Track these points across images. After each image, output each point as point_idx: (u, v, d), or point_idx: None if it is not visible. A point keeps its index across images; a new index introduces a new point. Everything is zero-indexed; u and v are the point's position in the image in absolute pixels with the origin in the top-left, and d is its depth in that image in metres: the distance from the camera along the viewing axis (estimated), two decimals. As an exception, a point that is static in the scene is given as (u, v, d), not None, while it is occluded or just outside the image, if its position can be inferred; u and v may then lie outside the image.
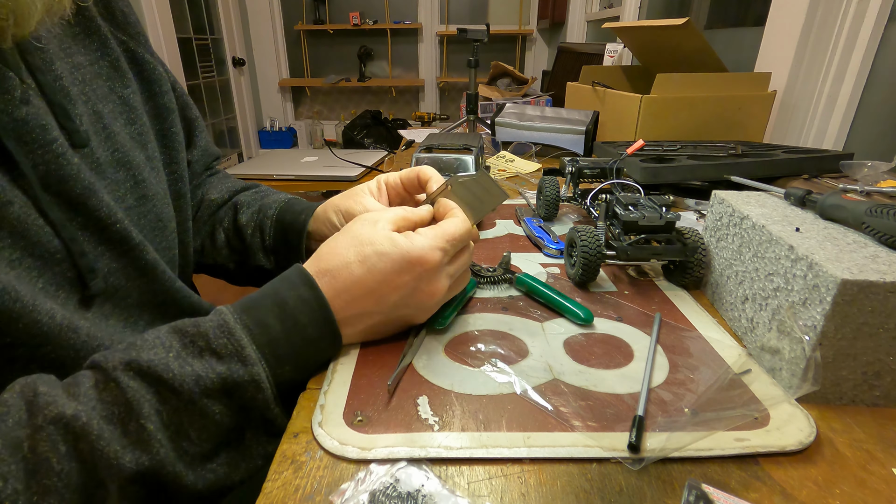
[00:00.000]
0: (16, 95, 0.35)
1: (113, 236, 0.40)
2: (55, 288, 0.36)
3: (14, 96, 0.35)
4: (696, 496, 0.27)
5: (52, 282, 0.36)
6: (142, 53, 0.49)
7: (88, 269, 0.38)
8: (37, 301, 0.33)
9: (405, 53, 4.32)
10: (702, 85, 1.00)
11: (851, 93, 1.06)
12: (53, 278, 0.36)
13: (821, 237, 0.38)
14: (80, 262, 0.37)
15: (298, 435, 0.32)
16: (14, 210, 0.33)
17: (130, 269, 0.42)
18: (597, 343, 0.42)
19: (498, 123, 1.20)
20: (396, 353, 0.40)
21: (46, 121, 0.36)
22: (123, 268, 0.42)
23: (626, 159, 0.74)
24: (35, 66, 0.37)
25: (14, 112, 0.34)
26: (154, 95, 0.50)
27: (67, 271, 0.37)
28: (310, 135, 4.42)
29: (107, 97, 0.44)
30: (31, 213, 0.34)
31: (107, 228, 0.40)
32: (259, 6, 4.05)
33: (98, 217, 0.39)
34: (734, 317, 0.45)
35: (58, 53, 0.40)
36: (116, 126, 0.44)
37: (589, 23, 2.98)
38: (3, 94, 0.34)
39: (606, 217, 0.54)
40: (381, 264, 0.37)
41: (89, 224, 0.39)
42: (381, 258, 0.37)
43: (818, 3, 1.07)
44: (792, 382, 0.35)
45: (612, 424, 0.33)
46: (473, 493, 0.28)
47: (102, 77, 0.45)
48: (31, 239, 0.34)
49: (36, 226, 0.35)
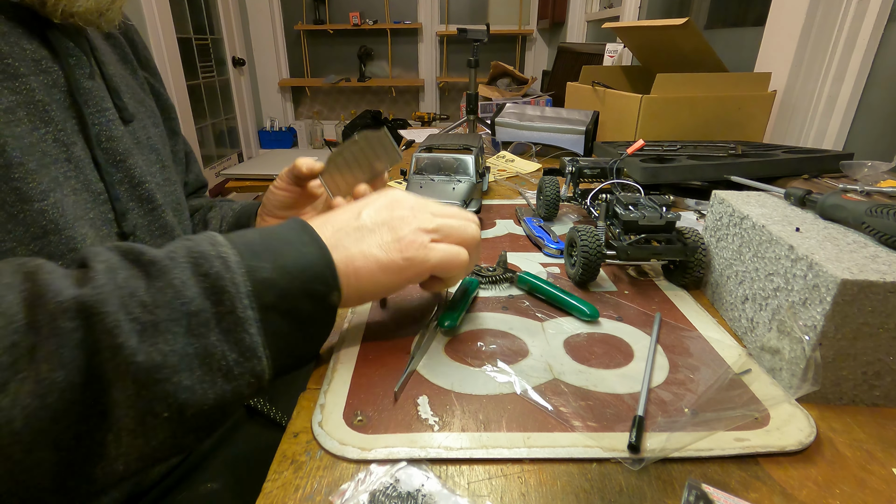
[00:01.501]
0: (86, 71, 0.45)
1: (142, 194, 0.48)
2: (101, 222, 0.44)
3: (85, 71, 0.45)
4: (696, 496, 0.27)
5: (99, 217, 0.44)
6: (158, 88, 0.61)
7: (121, 213, 0.46)
8: (77, 223, 0.40)
9: (405, 53, 4.32)
10: (702, 85, 1.00)
11: (851, 93, 1.06)
12: (100, 214, 0.44)
13: (821, 237, 0.38)
14: (116, 205, 0.45)
15: (298, 435, 0.32)
16: (77, 151, 0.42)
17: (154, 227, 0.50)
18: (597, 343, 0.42)
19: (498, 123, 1.20)
20: (397, 353, 0.40)
21: (104, 95, 0.47)
22: (148, 224, 0.49)
23: (626, 159, 0.74)
24: (99, 59, 0.48)
25: (85, 82, 0.45)
26: (167, 119, 0.61)
27: (108, 212, 0.45)
28: (310, 135, 4.42)
29: (142, 102, 0.54)
30: (87, 158, 0.43)
31: (139, 186, 0.48)
32: (259, 6, 4.05)
33: (132, 175, 0.47)
34: (734, 317, 0.45)
35: (111, 60, 0.51)
36: (147, 122, 0.54)
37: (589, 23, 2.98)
38: (78, 68, 0.44)
39: (606, 217, 0.54)
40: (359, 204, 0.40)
41: (125, 180, 0.47)
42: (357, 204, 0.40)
43: (818, 3, 1.07)
44: (792, 382, 0.35)
45: (612, 424, 0.33)
46: (473, 493, 0.28)
47: (135, 89, 0.55)
48: (87, 177, 0.43)
49: (89, 168, 0.43)
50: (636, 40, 1.29)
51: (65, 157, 0.41)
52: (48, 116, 0.40)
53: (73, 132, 0.42)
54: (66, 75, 0.43)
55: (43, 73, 0.41)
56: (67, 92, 0.43)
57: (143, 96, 0.55)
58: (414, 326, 0.44)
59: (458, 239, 0.40)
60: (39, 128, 0.40)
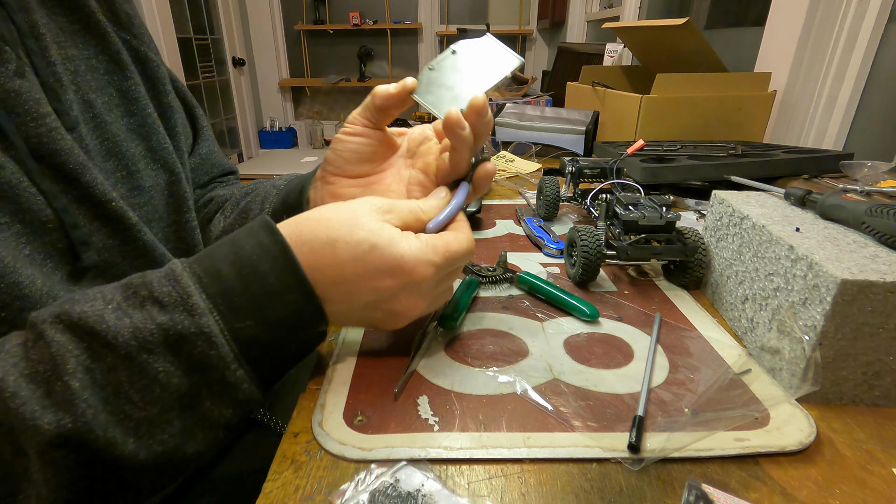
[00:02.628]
0: (10, 68, 0.35)
1: (109, 213, 0.40)
2: (42, 257, 0.35)
3: (8, 68, 0.35)
4: (696, 496, 0.27)
5: (39, 250, 0.35)
6: (145, 52, 0.49)
7: (81, 241, 0.37)
8: (17, 264, 0.33)
9: (405, 53, 4.32)
10: (702, 85, 1.00)
11: (851, 93, 1.06)
12: (42, 247, 0.35)
13: (821, 237, 0.38)
14: (73, 233, 0.37)
15: (298, 435, 0.32)
16: (4, 175, 0.33)
17: (127, 248, 0.41)
18: (597, 343, 0.42)
19: (498, 123, 1.20)
20: (397, 353, 0.40)
21: (40, 96, 0.36)
22: (120, 245, 0.41)
23: (626, 159, 0.74)
24: (31, 49, 0.38)
25: (8, 83, 0.35)
26: (158, 93, 0.50)
27: (58, 241, 0.36)
28: (310, 135, 4.42)
29: (102, 89, 0.44)
30: (23, 181, 0.34)
31: (102, 205, 0.39)
32: (259, 6, 4.05)
33: (92, 193, 0.38)
34: (734, 317, 0.45)
35: (51, 44, 0.40)
36: (110, 117, 0.44)
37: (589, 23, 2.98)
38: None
39: (606, 217, 0.54)
40: (369, 256, 0.32)
41: (84, 199, 0.38)
42: (371, 250, 0.32)
43: (818, 3, 1.07)
44: (792, 382, 0.35)
45: (612, 424, 0.33)
46: (473, 493, 0.28)
47: (100, 70, 0.45)
48: (21, 205, 0.34)
49: (28, 193, 0.34)
50: (636, 40, 1.29)
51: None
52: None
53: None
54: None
55: None
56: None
57: (107, 80, 0.45)
58: (414, 326, 0.44)
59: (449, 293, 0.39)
60: None
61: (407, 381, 0.37)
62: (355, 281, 0.33)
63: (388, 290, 0.33)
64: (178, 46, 3.08)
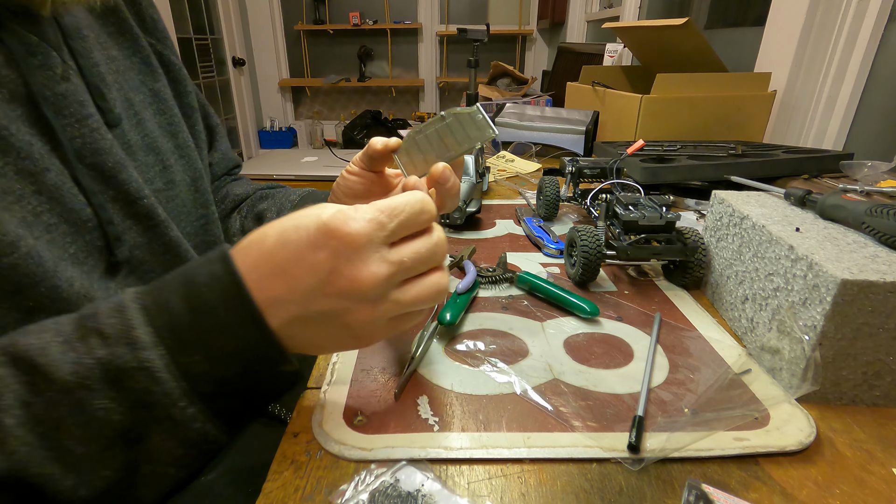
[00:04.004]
0: (57, 72, 0.37)
1: (140, 210, 0.42)
2: (85, 254, 0.37)
3: (55, 72, 0.37)
4: (696, 496, 0.27)
5: (83, 248, 0.37)
6: (168, 56, 0.52)
7: (115, 237, 0.39)
8: (58, 267, 0.34)
9: (405, 53, 4.32)
10: (702, 85, 1.00)
11: (851, 93, 1.06)
12: (84, 245, 0.37)
13: (821, 237, 0.38)
14: (108, 229, 0.39)
15: (298, 435, 0.32)
16: (51, 177, 0.35)
17: (155, 245, 0.44)
18: (597, 343, 0.42)
19: (498, 123, 1.20)
20: (397, 353, 0.40)
21: (84, 98, 0.38)
22: (149, 242, 0.43)
23: (626, 159, 0.74)
24: (76, 50, 0.40)
25: (55, 87, 0.37)
26: (180, 94, 0.53)
27: (97, 239, 0.38)
28: (310, 135, 4.42)
29: (138, 88, 0.47)
30: (67, 182, 0.36)
31: (135, 202, 0.41)
32: (259, 6, 4.05)
33: (127, 191, 0.41)
34: (734, 317, 0.45)
35: (95, 45, 0.43)
36: (146, 114, 0.47)
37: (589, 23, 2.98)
38: (45, 69, 0.36)
39: (606, 217, 0.54)
40: (294, 236, 0.29)
41: (119, 197, 0.40)
42: (296, 230, 0.29)
43: (818, 3, 1.07)
44: (792, 382, 0.35)
45: (612, 424, 0.33)
46: (473, 493, 0.28)
47: (134, 70, 0.47)
48: (66, 205, 0.36)
49: (70, 193, 0.36)
50: (636, 40, 1.29)
51: (32, 191, 0.34)
52: (6, 144, 0.33)
53: (42, 156, 0.35)
54: (26, 82, 0.35)
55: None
56: (31, 104, 0.35)
57: (140, 80, 0.47)
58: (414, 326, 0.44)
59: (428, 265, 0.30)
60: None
61: (407, 380, 0.37)
62: (288, 267, 0.28)
63: (323, 265, 0.28)
64: (178, 46, 3.08)
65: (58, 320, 0.29)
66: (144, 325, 0.28)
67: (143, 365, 0.27)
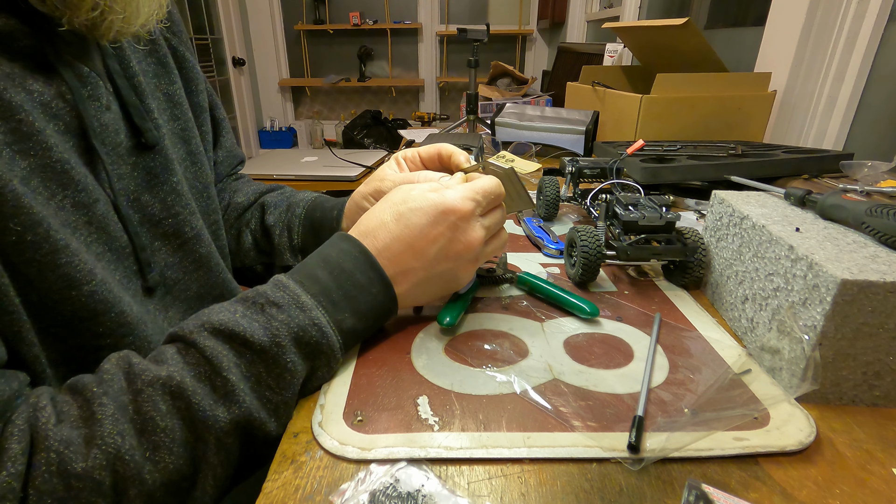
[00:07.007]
0: (103, 102, 0.38)
1: (167, 230, 0.44)
2: (127, 280, 0.39)
3: (102, 103, 0.38)
4: (696, 496, 0.27)
5: (125, 275, 0.39)
6: (183, 52, 0.51)
7: (146, 263, 0.41)
8: (120, 293, 0.37)
9: (405, 53, 4.32)
10: (702, 85, 1.00)
11: (851, 93, 1.06)
12: (125, 272, 0.39)
13: (821, 237, 0.38)
14: (140, 255, 0.40)
15: (298, 435, 0.32)
16: (100, 207, 0.37)
17: (187, 263, 0.46)
18: (597, 343, 0.42)
19: (498, 123, 1.20)
20: (397, 353, 0.40)
21: (119, 126, 0.40)
22: (180, 261, 0.45)
23: (626, 159, 0.74)
24: (114, 69, 0.40)
25: (101, 117, 0.38)
26: (192, 93, 0.52)
27: (133, 265, 0.40)
28: (310, 135, 4.42)
29: (153, 94, 0.46)
30: (110, 211, 0.38)
31: (160, 223, 0.43)
32: (259, 6, 4.05)
33: (151, 213, 0.42)
34: (734, 317, 0.45)
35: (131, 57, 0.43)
36: (161, 121, 0.46)
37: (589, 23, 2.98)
38: (93, 100, 0.38)
39: (606, 217, 0.54)
40: (415, 218, 0.38)
41: (145, 220, 0.42)
42: (414, 213, 0.38)
43: (818, 3, 1.07)
44: (792, 382, 0.35)
45: (612, 424, 0.33)
46: (473, 493, 0.28)
47: (149, 74, 0.46)
48: (111, 234, 0.38)
49: (113, 222, 0.38)
50: (636, 40, 1.29)
51: (85, 221, 0.35)
52: (67, 178, 0.34)
53: (94, 188, 0.36)
54: (79, 114, 0.36)
55: (54, 120, 0.34)
56: (81, 135, 0.36)
57: (155, 84, 0.47)
58: (414, 326, 0.44)
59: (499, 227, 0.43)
60: (57, 194, 0.33)
61: None
62: (416, 242, 0.38)
63: (443, 235, 0.39)
64: (178, 46, 3.07)
65: (219, 306, 0.34)
66: (305, 293, 0.35)
67: (314, 322, 0.34)
